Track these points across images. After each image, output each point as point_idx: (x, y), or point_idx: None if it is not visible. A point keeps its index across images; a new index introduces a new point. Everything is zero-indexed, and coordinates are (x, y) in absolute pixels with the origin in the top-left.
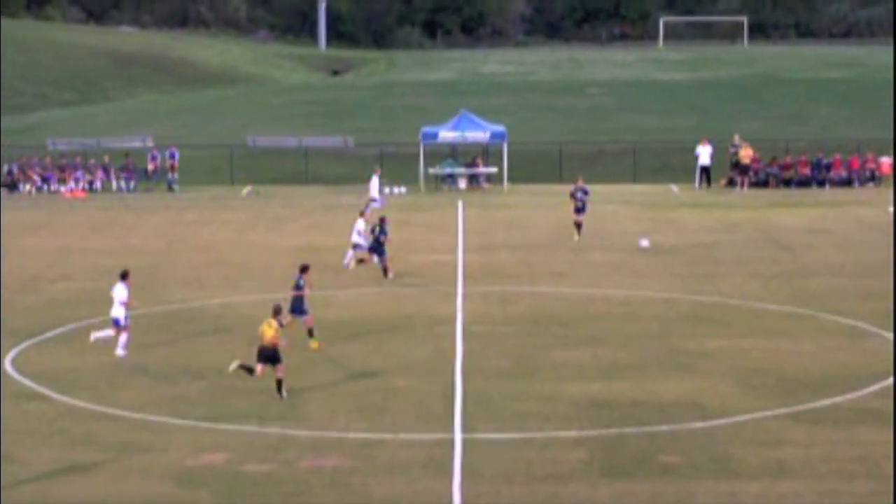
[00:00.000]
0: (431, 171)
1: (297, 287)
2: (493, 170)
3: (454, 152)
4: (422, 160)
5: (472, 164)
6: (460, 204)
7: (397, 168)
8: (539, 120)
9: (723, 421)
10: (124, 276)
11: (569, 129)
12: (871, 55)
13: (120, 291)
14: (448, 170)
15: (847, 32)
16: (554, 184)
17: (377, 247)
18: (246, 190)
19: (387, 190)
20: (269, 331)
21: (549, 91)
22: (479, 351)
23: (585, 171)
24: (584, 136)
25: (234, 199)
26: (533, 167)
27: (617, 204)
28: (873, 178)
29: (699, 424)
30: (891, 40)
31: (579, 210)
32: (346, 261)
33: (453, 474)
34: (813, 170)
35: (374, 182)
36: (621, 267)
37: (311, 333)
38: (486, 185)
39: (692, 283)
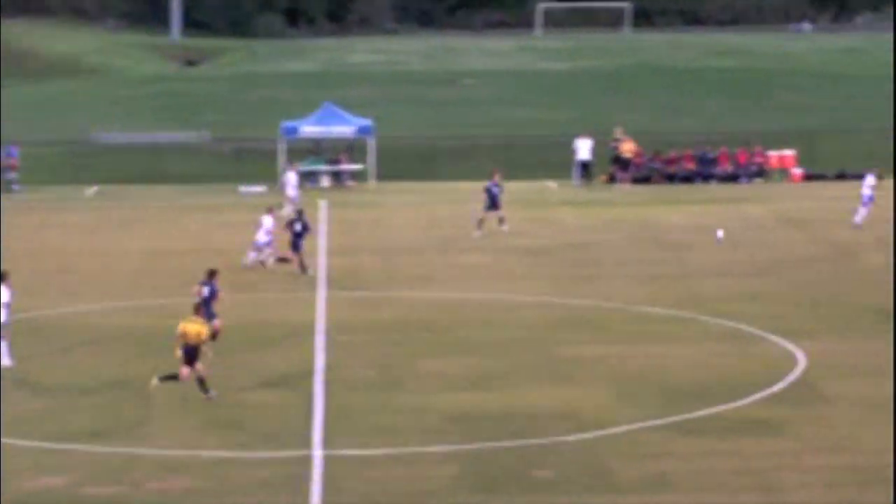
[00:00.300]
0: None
1: (213, 294)
2: (359, 167)
3: (317, 148)
4: (282, 157)
5: (336, 161)
6: (323, 204)
7: (255, 165)
8: (409, 113)
9: (600, 432)
10: (3, 278)
11: (441, 123)
12: (760, 43)
13: (2, 293)
14: (310, 167)
15: (735, 19)
16: (425, 181)
17: (295, 241)
18: (91, 190)
19: (243, 188)
20: (194, 326)
21: (420, 82)
22: (341, 361)
23: (458, 166)
24: (456, 129)
25: (78, 199)
26: (402, 163)
27: None
28: (761, 173)
29: (575, 436)
30: (780, 27)
31: (490, 206)
32: (247, 261)
33: (312, 494)
34: (698, 164)
35: (292, 178)
36: (494, 269)
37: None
38: (350, 183)
39: (569, 285)
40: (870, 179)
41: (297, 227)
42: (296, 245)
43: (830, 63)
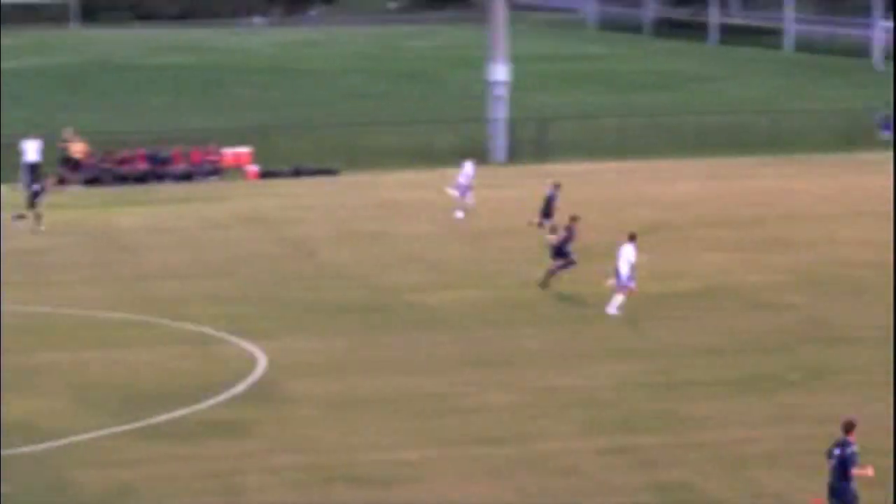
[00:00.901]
0: None
1: None
2: None
3: None
4: None
5: None
6: None
7: None
8: None
9: (58, 442)
10: None
11: None
12: (212, 38)
13: None
14: None
15: (186, 14)
16: None
17: None
18: None
19: None
20: None
21: None
22: None
23: None
24: None
25: None
26: None
27: None
28: (217, 171)
29: (31, 448)
30: (232, 21)
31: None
32: None
33: None
34: (151, 164)
35: None
36: None
37: None
38: None
39: (21, 291)
40: (467, 168)
41: None
42: None
43: (283, 57)
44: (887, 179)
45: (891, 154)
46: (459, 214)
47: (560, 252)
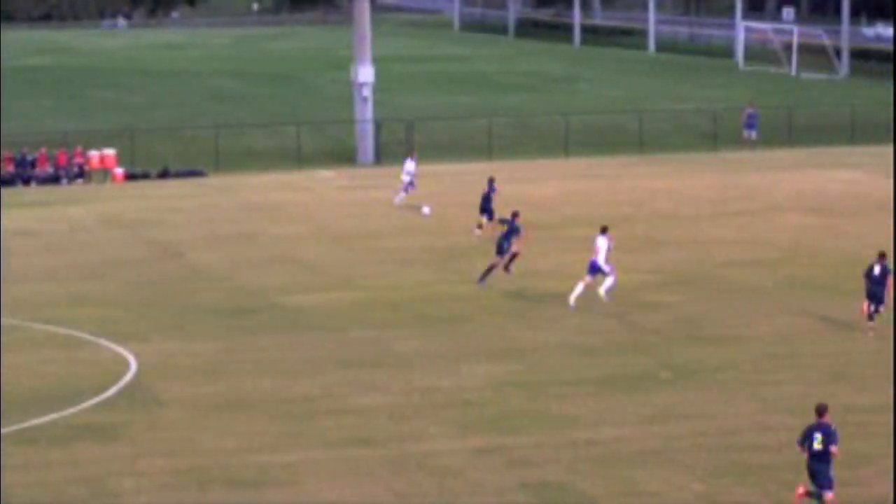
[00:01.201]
0: None
1: None
2: None
3: None
4: None
5: None
6: None
7: None
8: None
9: None
10: None
11: None
12: (75, 40)
13: None
14: None
15: (48, 15)
16: None
17: None
18: None
19: None
20: None
21: None
22: None
23: None
24: None
25: None
26: None
27: None
28: (82, 174)
29: None
30: (95, 23)
31: None
32: None
33: None
34: (17, 167)
35: None
36: None
37: None
38: None
39: None
40: (409, 165)
41: None
42: None
43: (147, 59)
44: (753, 178)
45: (754, 153)
46: (426, 210)
47: (501, 248)
